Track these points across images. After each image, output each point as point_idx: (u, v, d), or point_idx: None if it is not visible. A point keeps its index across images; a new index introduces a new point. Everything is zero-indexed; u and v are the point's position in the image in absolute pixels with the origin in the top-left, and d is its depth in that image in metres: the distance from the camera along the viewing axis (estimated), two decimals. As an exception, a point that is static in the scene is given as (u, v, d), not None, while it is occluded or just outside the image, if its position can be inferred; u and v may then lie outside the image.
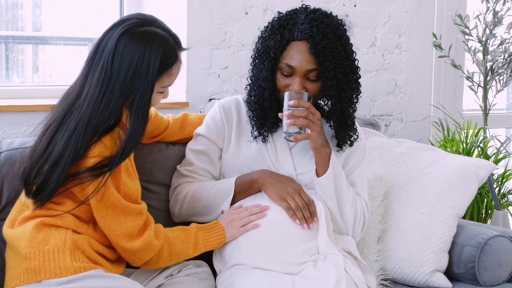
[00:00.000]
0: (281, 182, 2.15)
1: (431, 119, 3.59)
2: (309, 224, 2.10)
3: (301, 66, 2.07)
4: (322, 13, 2.13)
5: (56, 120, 1.91)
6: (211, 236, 2.08)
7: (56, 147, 1.85)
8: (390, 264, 2.41)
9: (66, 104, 1.92)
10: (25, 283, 1.82)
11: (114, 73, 1.86)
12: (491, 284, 2.39)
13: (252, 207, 2.13)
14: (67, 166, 1.83)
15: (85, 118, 1.85)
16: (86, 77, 1.91)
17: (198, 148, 2.26)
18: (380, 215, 2.44)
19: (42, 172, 1.86)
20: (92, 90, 1.87)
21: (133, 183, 1.94)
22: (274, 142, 2.22)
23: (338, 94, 2.10)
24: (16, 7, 3.03)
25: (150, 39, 1.88)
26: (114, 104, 1.86)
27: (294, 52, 2.08)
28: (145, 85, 1.87)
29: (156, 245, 1.95)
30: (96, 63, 1.89)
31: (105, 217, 1.88)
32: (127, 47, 1.87)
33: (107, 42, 1.89)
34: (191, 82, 3.00)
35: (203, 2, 2.99)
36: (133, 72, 1.86)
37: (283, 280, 2.00)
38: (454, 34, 3.60)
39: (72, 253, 1.85)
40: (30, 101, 2.75)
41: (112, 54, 1.87)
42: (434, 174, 2.48)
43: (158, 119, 2.30)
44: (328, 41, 2.06)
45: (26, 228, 1.88)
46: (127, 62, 1.86)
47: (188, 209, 2.22)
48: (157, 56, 1.88)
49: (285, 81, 2.11)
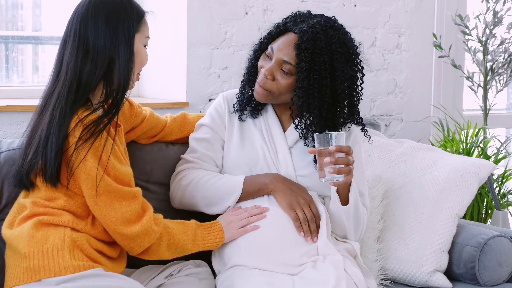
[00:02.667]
0: (293, 190, 2.14)
1: (431, 119, 3.59)
2: (313, 237, 2.10)
3: (279, 52, 2.10)
4: (334, 26, 2.12)
5: (36, 113, 1.94)
6: (209, 235, 2.08)
7: (42, 131, 1.87)
8: (390, 264, 2.41)
9: (43, 97, 1.95)
10: (24, 282, 1.82)
11: (90, 50, 1.90)
12: (491, 284, 2.39)
13: (252, 209, 2.13)
14: (55, 138, 1.84)
15: (66, 85, 1.88)
16: (60, 65, 1.93)
17: (202, 136, 2.26)
18: (380, 215, 2.43)
19: (30, 155, 1.88)
20: (68, 59, 1.91)
21: (124, 167, 1.93)
22: (274, 140, 2.22)
23: (307, 96, 2.09)
24: (16, 7, 3.03)
25: (113, 9, 1.92)
26: (91, 77, 1.89)
27: (283, 40, 2.12)
28: (124, 35, 1.91)
29: (156, 231, 1.94)
30: (67, 41, 1.94)
31: (99, 205, 1.87)
32: (94, 24, 1.91)
33: (73, 28, 1.94)
34: (191, 82, 3.00)
35: (203, 2, 2.99)
36: (112, 44, 1.90)
37: (283, 280, 2.00)
38: (454, 34, 3.60)
39: (71, 251, 1.85)
40: (30, 101, 2.75)
41: (80, 22, 1.92)
42: (434, 174, 2.48)
43: (155, 118, 2.30)
44: (315, 46, 2.06)
45: (25, 227, 1.88)
46: (100, 36, 1.90)
47: (189, 197, 2.21)
48: (125, 22, 1.92)
49: (262, 63, 2.15)
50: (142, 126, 2.25)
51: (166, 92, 3.07)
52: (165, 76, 3.08)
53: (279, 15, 3.07)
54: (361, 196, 2.23)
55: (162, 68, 3.07)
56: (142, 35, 1.97)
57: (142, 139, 2.30)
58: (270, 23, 3.08)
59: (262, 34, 2.22)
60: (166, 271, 2.13)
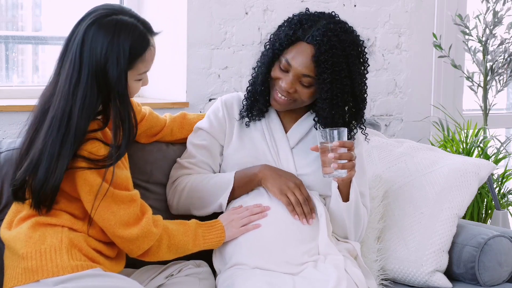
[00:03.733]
0: (282, 176, 2.15)
1: (431, 119, 3.59)
2: (309, 219, 2.11)
3: (298, 67, 2.07)
4: (342, 27, 2.10)
5: (35, 118, 1.91)
6: (210, 234, 2.08)
7: (36, 146, 1.85)
8: (390, 264, 2.41)
9: (42, 103, 1.91)
10: (23, 283, 1.82)
11: (83, 65, 1.85)
12: (491, 284, 2.39)
13: (253, 207, 2.13)
14: (46, 162, 1.82)
15: (58, 113, 1.84)
16: (59, 73, 1.90)
17: (200, 143, 2.26)
18: (380, 215, 2.43)
19: (22, 171, 1.86)
20: (63, 84, 1.86)
21: (122, 171, 1.92)
22: (275, 141, 2.22)
23: (331, 107, 2.09)
24: (16, 7, 3.03)
25: (117, 27, 1.86)
26: (87, 96, 1.84)
27: (297, 52, 2.08)
28: (118, 74, 1.85)
29: (155, 233, 1.94)
30: (66, 58, 1.88)
31: (98, 209, 1.87)
32: (95, 37, 1.85)
33: (76, 36, 1.88)
34: (191, 82, 3.00)
35: (203, 2, 2.99)
36: (104, 61, 1.84)
37: (284, 280, 2.00)
38: (454, 34, 3.60)
39: (69, 251, 1.84)
40: (30, 101, 2.74)
41: (80, 46, 1.85)
42: (434, 174, 2.48)
43: (154, 118, 2.30)
44: (333, 56, 2.04)
45: (22, 228, 1.88)
46: (96, 53, 1.84)
47: (186, 200, 2.21)
48: (126, 43, 1.86)
49: (279, 74, 2.11)
50: (141, 124, 2.25)
51: (166, 92, 3.07)
52: (165, 76, 3.08)
53: (279, 15, 3.08)
54: (362, 196, 2.23)
55: (162, 68, 3.07)
56: (136, 72, 1.92)
57: (142, 138, 2.30)
58: (270, 23, 3.09)
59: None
60: (166, 271, 2.12)
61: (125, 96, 1.88)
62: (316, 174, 2.15)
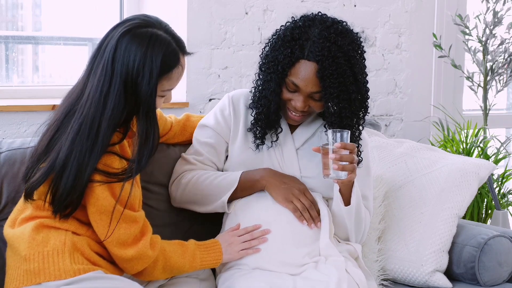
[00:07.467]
0: (286, 183, 2.14)
1: (431, 119, 3.59)
2: (317, 223, 2.11)
3: (306, 87, 2.05)
4: (337, 29, 2.06)
5: (57, 120, 1.89)
6: (208, 255, 2.06)
7: (61, 150, 1.82)
8: (390, 264, 2.41)
9: (67, 104, 1.89)
10: (24, 284, 1.82)
11: (115, 73, 1.83)
12: (491, 284, 2.39)
13: (253, 228, 2.11)
14: (74, 170, 1.80)
15: (87, 120, 1.82)
16: (88, 76, 1.88)
17: (206, 141, 2.25)
18: (380, 215, 2.43)
19: (39, 170, 1.85)
20: (94, 91, 1.84)
21: (134, 189, 1.90)
22: (281, 144, 2.22)
23: (339, 113, 2.08)
24: (16, 7, 3.03)
25: (152, 40, 1.85)
26: (116, 106, 1.83)
27: (301, 71, 2.04)
28: (148, 87, 1.84)
29: (150, 256, 1.92)
30: (97, 62, 1.87)
31: (98, 222, 1.86)
32: (128, 47, 1.84)
33: (109, 42, 1.86)
34: (191, 82, 3.00)
35: (203, 2, 2.99)
36: (136, 74, 1.83)
37: (284, 280, 1.99)
38: (454, 34, 3.60)
39: (71, 255, 1.84)
40: (30, 101, 2.75)
41: (113, 54, 1.84)
42: (434, 174, 2.48)
43: (163, 121, 2.29)
44: (337, 66, 2.01)
45: (26, 229, 1.87)
46: (129, 63, 1.83)
47: (189, 195, 2.21)
48: (157, 58, 1.84)
49: (289, 96, 2.09)
50: None
51: (166, 92, 3.07)
52: (165, 76, 3.08)
53: (279, 15, 3.08)
54: (365, 199, 2.22)
55: (162, 68, 3.07)
56: (159, 88, 1.89)
57: None
58: (270, 23, 3.10)
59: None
60: (166, 272, 2.12)
61: (153, 112, 1.87)
62: (320, 177, 2.13)
